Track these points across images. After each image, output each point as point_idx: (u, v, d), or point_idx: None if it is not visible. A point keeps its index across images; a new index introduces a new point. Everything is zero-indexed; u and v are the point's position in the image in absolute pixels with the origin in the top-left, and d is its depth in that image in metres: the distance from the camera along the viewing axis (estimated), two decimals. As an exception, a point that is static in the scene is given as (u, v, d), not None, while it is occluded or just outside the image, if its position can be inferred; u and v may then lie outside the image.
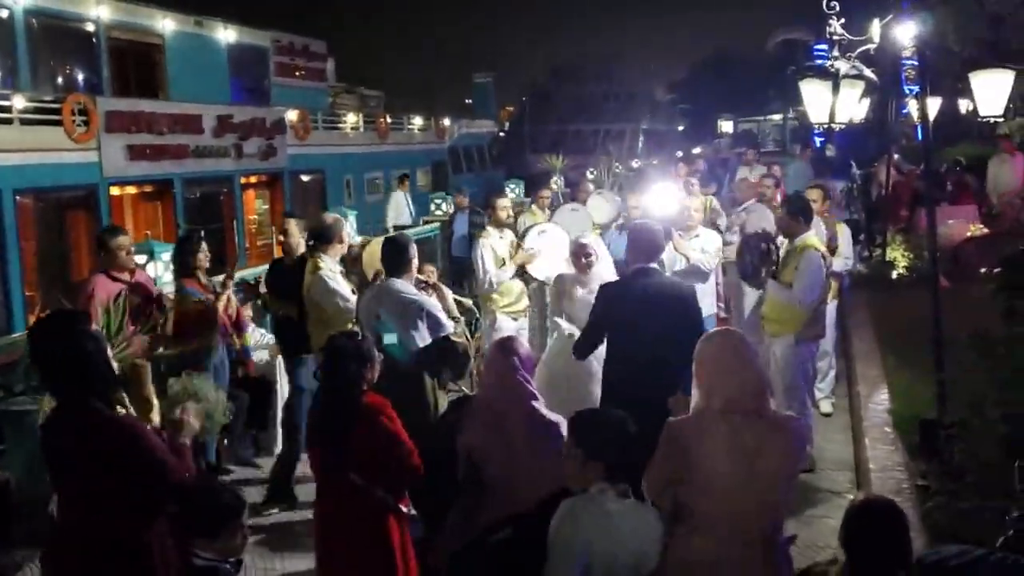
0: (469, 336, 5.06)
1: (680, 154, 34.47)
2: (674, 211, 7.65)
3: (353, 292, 5.74)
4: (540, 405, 3.65)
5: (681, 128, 53.50)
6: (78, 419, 3.09)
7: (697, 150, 36.82)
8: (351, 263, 6.80)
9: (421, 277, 5.77)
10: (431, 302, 5.12)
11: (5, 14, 13.71)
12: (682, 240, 7.09)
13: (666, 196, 8.07)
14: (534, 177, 19.03)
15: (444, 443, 3.67)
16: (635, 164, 29.63)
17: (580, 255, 6.13)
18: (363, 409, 3.71)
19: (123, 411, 3.30)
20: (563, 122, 44.68)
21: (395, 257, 5.10)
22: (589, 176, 17.62)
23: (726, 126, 46.09)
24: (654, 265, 5.14)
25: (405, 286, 5.02)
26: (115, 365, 3.37)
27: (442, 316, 5.07)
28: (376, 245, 8.50)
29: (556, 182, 13.46)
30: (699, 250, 7.05)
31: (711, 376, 3.23)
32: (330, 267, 5.83)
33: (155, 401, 3.50)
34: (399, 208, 17.00)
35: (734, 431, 3.10)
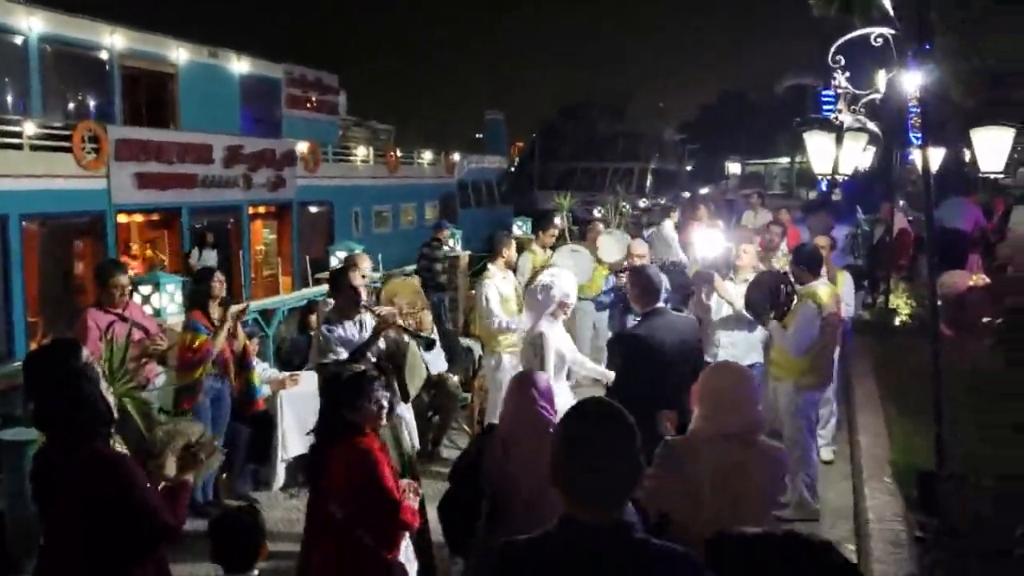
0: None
1: (687, 194, 34.64)
2: (718, 253, 7.44)
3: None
4: None
5: (689, 168, 53.79)
6: (67, 455, 3.06)
7: (704, 190, 36.98)
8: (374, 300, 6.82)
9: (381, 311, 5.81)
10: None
11: (20, 40, 13.92)
12: (727, 284, 6.77)
13: (710, 237, 7.82)
14: (541, 214, 19.09)
15: (468, 476, 3.76)
16: (643, 203, 29.81)
17: (562, 301, 5.82)
18: (349, 449, 3.73)
19: (117, 448, 3.30)
20: (572, 159, 44.79)
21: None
22: (597, 214, 17.73)
23: (733, 168, 46.33)
24: (661, 304, 5.25)
25: None
26: (112, 400, 3.37)
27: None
28: (395, 283, 8.58)
29: (562, 220, 13.49)
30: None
31: (713, 405, 3.48)
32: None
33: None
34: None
35: (725, 455, 3.36)
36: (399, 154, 25.72)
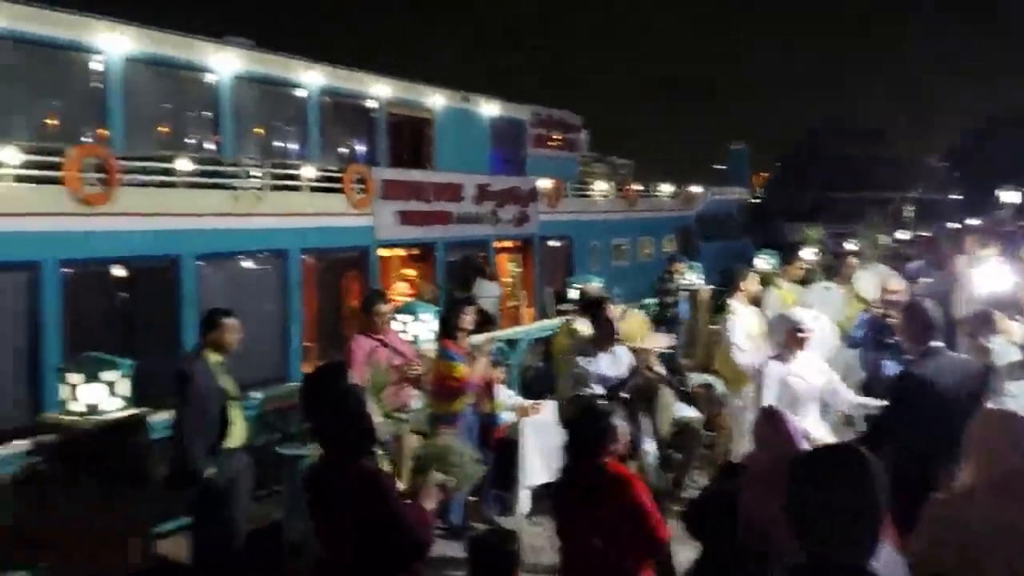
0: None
1: (958, 225, 31.81)
2: (1007, 289, 6.83)
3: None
4: None
5: (956, 197, 49.49)
6: (337, 472, 3.32)
7: (972, 221, 33.74)
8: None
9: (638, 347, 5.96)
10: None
11: (304, 94, 15.56)
12: (1014, 325, 6.17)
13: (994, 271, 7.19)
14: (788, 246, 18.36)
15: (719, 513, 3.69)
16: (902, 235, 27.76)
17: (794, 331, 5.75)
18: (606, 480, 3.73)
19: (380, 466, 3.53)
20: (822, 189, 42.77)
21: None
22: (852, 247, 16.73)
23: (1008, 196, 41.93)
24: (938, 344, 4.83)
25: None
26: (379, 420, 3.62)
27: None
28: (631, 318, 8.61)
29: (816, 253, 12.89)
30: None
31: (980, 455, 3.26)
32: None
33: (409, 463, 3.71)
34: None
35: (999, 510, 3.11)
36: (637, 188, 25.80)
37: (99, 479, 4.91)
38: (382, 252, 16.24)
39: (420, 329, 8.04)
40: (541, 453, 6.91)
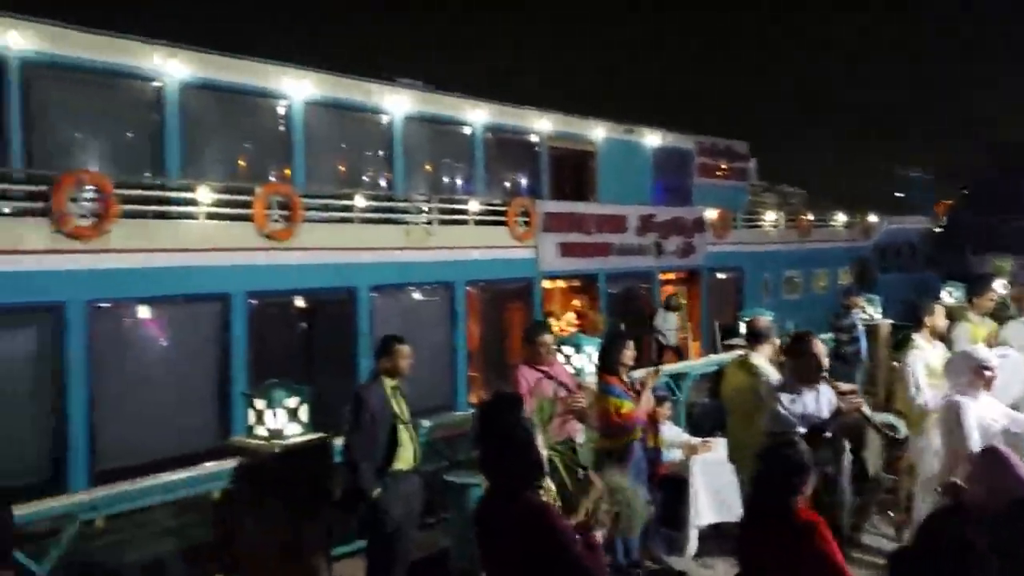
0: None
1: None
2: None
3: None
4: None
5: None
6: (507, 506, 3.31)
7: None
8: None
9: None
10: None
11: (469, 131, 16.04)
12: None
13: None
14: (976, 278, 17.08)
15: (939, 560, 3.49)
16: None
17: (980, 369, 5.39)
18: (794, 526, 3.54)
19: (547, 499, 3.51)
20: (1014, 218, 39.58)
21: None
22: (1043, 280, 15.34)
23: None
24: None
25: None
26: (546, 453, 3.61)
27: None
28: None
29: (1006, 285, 11.97)
30: None
31: None
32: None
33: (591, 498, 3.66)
34: None
35: None
36: (810, 218, 24.83)
37: (284, 502, 5.15)
38: (545, 283, 16.39)
39: (583, 361, 8.02)
40: (711, 492, 6.71)
